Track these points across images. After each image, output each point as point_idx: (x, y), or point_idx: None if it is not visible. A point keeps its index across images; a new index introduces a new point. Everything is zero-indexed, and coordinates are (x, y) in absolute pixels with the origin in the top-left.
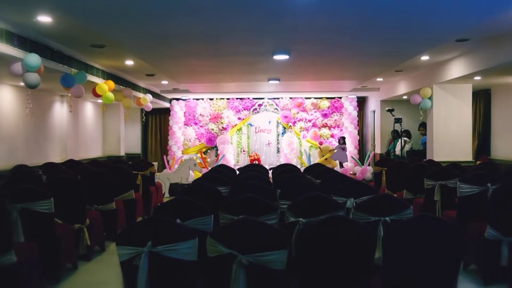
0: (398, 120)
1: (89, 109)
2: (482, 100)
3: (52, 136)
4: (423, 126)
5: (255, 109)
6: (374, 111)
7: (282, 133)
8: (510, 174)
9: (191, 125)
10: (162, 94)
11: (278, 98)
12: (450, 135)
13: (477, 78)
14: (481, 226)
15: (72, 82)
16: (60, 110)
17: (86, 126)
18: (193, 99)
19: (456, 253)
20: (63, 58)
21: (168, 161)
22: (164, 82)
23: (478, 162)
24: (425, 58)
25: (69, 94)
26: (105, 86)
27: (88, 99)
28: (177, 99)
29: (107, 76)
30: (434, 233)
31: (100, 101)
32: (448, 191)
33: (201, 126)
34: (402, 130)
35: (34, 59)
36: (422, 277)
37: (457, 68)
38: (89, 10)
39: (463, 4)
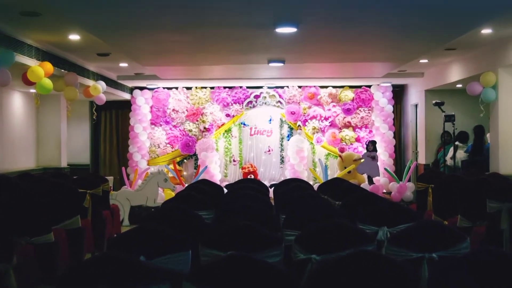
0: (449, 118)
1: (17, 102)
2: None
3: None
4: (477, 134)
5: (250, 102)
6: (416, 105)
7: (288, 136)
8: None
9: (161, 125)
10: (120, 82)
11: (282, 87)
12: None
13: None
14: None
15: None
16: None
17: (13, 125)
18: (164, 88)
19: None
20: None
21: (128, 175)
22: (123, 64)
23: None
24: (486, 31)
25: None
26: (40, 70)
27: (16, 87)
28: (141, 89)
29: (43, 56)
30: (500, 273)
31: (33, 90)
32: None
33: (174, 126)
34: (456, 131)
35: None
36: None
37: None
38: None
39: None
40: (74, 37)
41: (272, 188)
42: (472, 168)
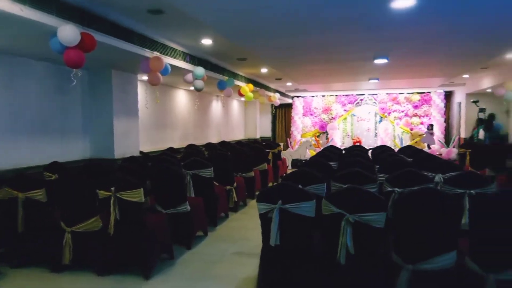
0: (482, 110)
1: (235, 104)
2: None
3: (211, 124)
4: (490, 118)
5: (358, 102)
6: (459, 103)
7: (379, 121)
8: None
9: (308, 116)
10: (286, 93)
11: (376, 94)
12: None
13: None
14: None
15: (224, 86)
16: (216, 106)
17: (233, 117)
18: (310, 96)
19: None
20: (218, 69)
21: (290, 143)
22: (288, 83)
23: None
24: (510, 55)
25: (222, 95)
26: (246, 88)
27: (234, 97)
28: (298, 96)
29: (248, 80)
30: None
31: (243, 99)
32: None
33: (315, 116)
34: (485, 118)
35: (200, 70)
36: (505, 242)
37: None
38: (237, 33)
39: None
40: (264, 70)
41: (370, 151)
42: (496, 140)
